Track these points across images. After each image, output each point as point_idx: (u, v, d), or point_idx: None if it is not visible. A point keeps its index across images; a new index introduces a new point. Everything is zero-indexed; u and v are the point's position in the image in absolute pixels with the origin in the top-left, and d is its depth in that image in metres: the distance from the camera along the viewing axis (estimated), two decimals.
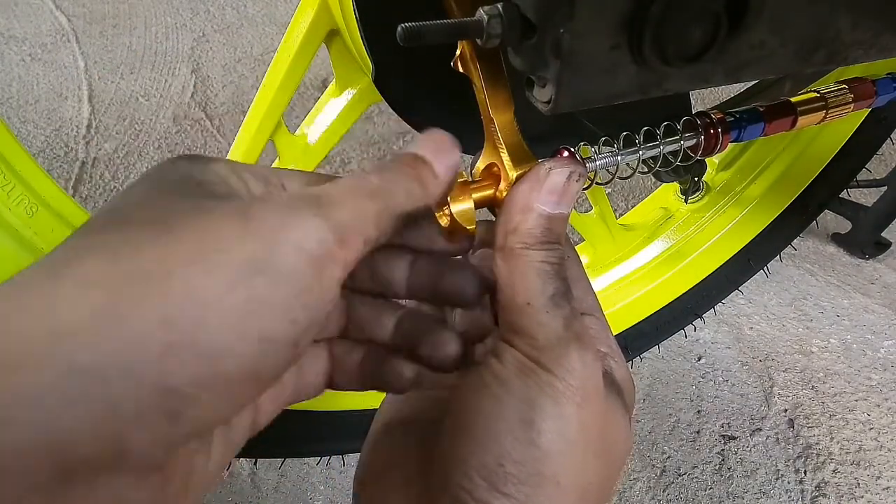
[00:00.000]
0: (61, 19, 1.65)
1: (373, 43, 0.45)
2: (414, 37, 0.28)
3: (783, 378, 0.94)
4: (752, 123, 0.43)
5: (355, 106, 0.56)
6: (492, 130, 0.34)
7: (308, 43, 0.51)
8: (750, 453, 0.85)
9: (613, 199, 1.22)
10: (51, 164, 1.20)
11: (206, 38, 1.62)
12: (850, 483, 0.82)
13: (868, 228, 1.10)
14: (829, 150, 0.81)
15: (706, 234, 0.84)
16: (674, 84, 0.32)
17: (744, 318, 1.02)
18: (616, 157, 0.37)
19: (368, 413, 0.69)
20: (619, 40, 0.29)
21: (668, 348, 0.96)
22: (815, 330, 1.01)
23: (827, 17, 0.33)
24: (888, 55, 0.36)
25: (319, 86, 1.43)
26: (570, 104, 0.31)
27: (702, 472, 0.83)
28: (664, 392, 0.91)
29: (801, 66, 0.34)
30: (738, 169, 0.84)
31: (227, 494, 0.76)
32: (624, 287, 0.82)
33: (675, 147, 0.40)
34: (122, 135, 1.30)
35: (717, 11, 0.29)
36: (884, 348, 0.99)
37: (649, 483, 0.81)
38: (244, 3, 1.79)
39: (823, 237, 1.16)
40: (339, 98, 0.56)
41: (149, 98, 1.40)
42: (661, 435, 0.86)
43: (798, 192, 0.83)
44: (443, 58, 0.34)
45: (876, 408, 0.90)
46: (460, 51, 0.33)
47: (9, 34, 1.58)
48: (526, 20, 0.28)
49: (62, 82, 1.43)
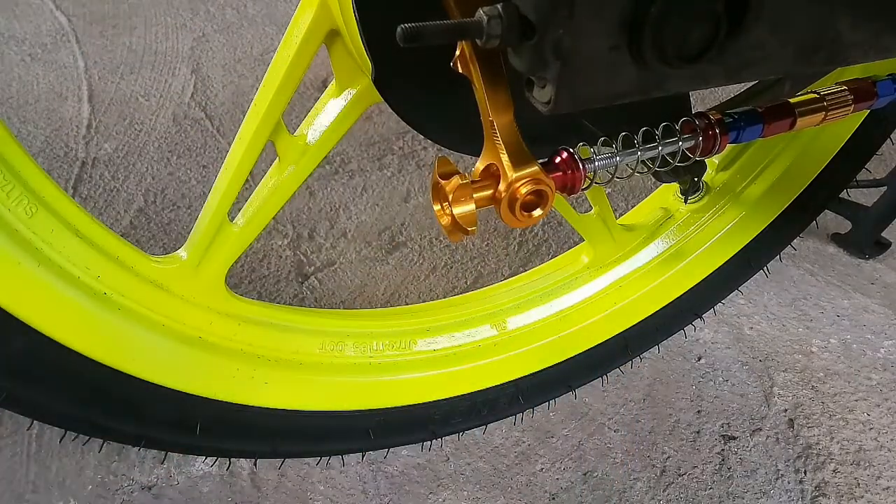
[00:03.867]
0: (61, 19, 1.65)
1: (373, 43, 0.45)
2: (413, 37, 0.28)
3: (783, 378, 0.94)
4: (750, 125, 0.43)
5: (355, 106, 0.56)
6: (491, 131, 0.34)
7: (308, 43, 0.51)
8: (750, 453, 0.85)
9: (613, 199, 1.22)
10: (51, 164, 1.20)
11: (206, 38, 1.62)
12: (850, 483, 0.82)
13: (868, 228, 1.10)
14: (830, 150, 0.81)
15: (706, 234, 0.84)
16: (674, 84, 0.32)
17: (744, 318, 1.02)
18: (615, 157, 0.37)
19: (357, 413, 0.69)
20: (619, 41, 0.29)
21: (668, 348, 0.96)
22: (815, 330, 1.01)
23: (827, 18, 0.33)
24: (888, 56, 0.36)
25: (319, 86, 1.43)
26: (570, 104, 0.31)
27: (702, 472, 0.83)
28: (664, 392, 0.91)
29: (801, 66, 0.34)
30: (738, 169, 0.84)
31: (228, 494, 0.76)
32: (624, 287, 0.82)
33: (674, 148, 0.40)
34: (122, 135, 1.30)
35: (717, 12, 0.29)
36: (884, 348, 0.99)
37: (649, 483, 0.81)
38: (244, 3, 1.79)
39: (823, 237, 1.16)
40: (339, 98, 0.56)
41: (149, 98, 1.40)
42: (661, 435, 0.86)
43: (798, 192, 0.83)
44: (443, 58, 0.34)
45: (876, 408, 0.90)
46: (460, 51, 0.33)
47: (9, 34, 1.58)
48: (526, 21, 0.28)
49: (62, 82, 1.43)
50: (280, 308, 0.67)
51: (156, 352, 0.57)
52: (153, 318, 0.57)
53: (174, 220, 1.12)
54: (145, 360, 0.56)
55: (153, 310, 0.57)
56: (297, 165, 0.57)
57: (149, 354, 0.56)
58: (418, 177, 1.24)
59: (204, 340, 0.60)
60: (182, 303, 0.58)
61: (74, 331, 0.52)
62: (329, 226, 1.13)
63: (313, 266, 1.06)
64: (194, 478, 0.77)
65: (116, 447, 0.78)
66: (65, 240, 0.52)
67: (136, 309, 0.56)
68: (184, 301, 0.59)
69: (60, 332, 0.51)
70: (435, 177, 0.34)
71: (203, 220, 0.58)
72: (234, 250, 0.59)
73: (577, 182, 0.35)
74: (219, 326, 0.61)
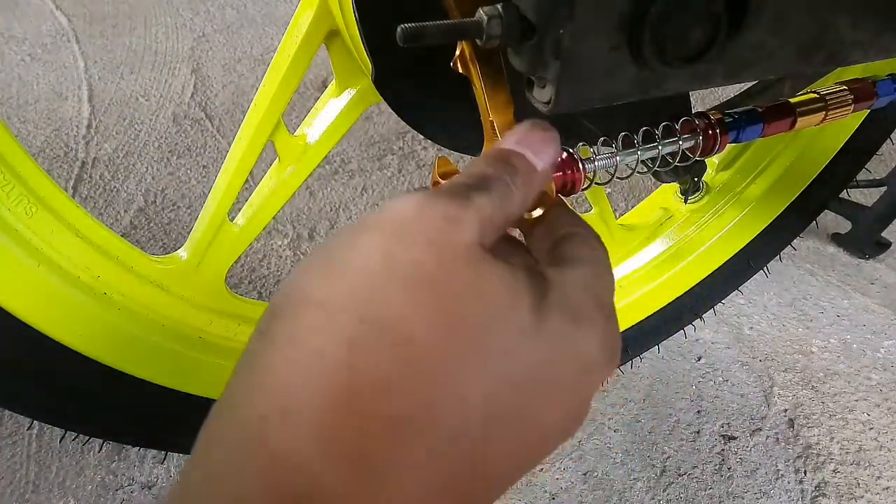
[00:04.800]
0: (61, 19, 1.65)
1: (373, 44, 0.45)
2: (413, 37, 0.28)
3: (783, 378, 0.94)
4: (750, 124, 0.43)
5: (355, 106, 0.56)
6: (491, 131, 0.34)
7: (308, 43, 0.51)
8: (750, 453, 0.85)
9: (613, 199, 1.22)
10: (51, 164, 1.20)
11: (206, 38, 1.62)
12: (850, 483, 0.82)
13: (868, 228, 1.10)
14: (830, 150, 0.81)
15: (706, 234, 0.84)
16: (674, 85, 0.32)
17: (744, 318, 1.02)
18: (615, 157, 0.37)
19: None
20: (619, 41, 0.29)
21: (668, 348, 0.96)
22: (815, 330, 1.01)
23: (827, 17, 0.33)
24: (888, 55, 0.36)
25: (319, 86, 1.43)
26: (570, 105, 0.31)
27: (702, 472, 0.83)
28: (664, 392, 0.91)
29: (802, 66, 0.34)
30: (738, 169, 0.84)
31: None
32: (624, 287, 0.82)
33: (674, 148, 0.40)
34: (122, 135, 1.30)
35: (717, 12, 0.29)
36: (884, 348, 0.99)
37: (649, 483, 0.81)
38: (244, 3, 1.79)
39: (823, 237, 1.16)
40: (339, 98, 0.56)
41: (149, 98, 1.40)
42: (661, 435, 0.86)
43: (798, 192, 0.83)
44: (443, 58, 0.34)
45: (876, 408, 0.90)
46: (460, 51, 0.33)
47: (9, 34, 1.58)
48: (526, 21, 0.28)
49: (62, 82, 1.43)
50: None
51: (155, 352, 0.57)
52: (153, 319, 0.57)
53: (174, 220, 1.12)
54: (144, 360, 0.56)
55: (153, 310, 0.57)
56: (297, 165, 0.57)
57: (148, 354, 0.56)
58: (418, 177, 1.24)
59: (204, 341, 0.60)
60: (182, 303, 0.58)
61: (74, 330, 0.52)
62: (329, 226, 1.13)
63: None
64: None
65: (116, 447, 0.78)
66: (65, 240, 0.52)
67: (136, 309, 0.56)
68: (183, 301, 0.59)
69: (59, 332, 0.51)
70: (435, 176, 0.34)
71: (203, 220, 0.58)
72: (234, 250, 0.59)
73: (577, 182, 0.35)
74: (218, 326, 0.61)
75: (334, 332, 0.22)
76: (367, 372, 0.21)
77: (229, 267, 0.60)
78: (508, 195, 0.27)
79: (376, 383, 0.21)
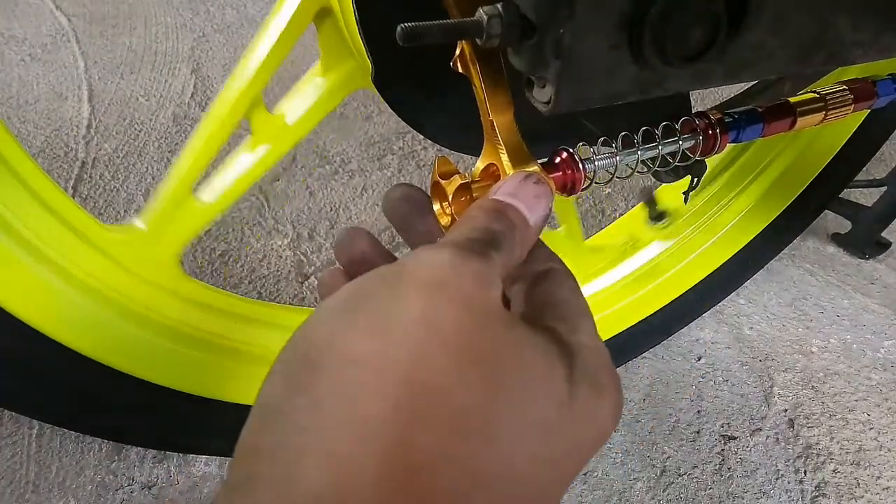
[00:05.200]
0: (61, 19, 1.65)
1: (372, 43, 0.45)
2: (413, 37, 0.28)
3: (783, 378, 0.94)
4: (750, 124, 0.43)
5: (340, 89, 0.54)
6: (491, 131, 0.34)
7: (297, 18, 0.49)
8: (750, 453, 0.85)
9: (614, 199, 1.22)
10: (51, 164, 1.20)
11: (206, 38, 1.62)
12: (850, 483, 0.82)
13: (868, 228, 1.10)
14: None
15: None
16: (674, 84, 0.32)
17: (744, 318, 1.02)
18: (615, 157, 0.37)
19: None
20: (620, 40, 0.29)
21: (668, 348, 0.96)
22: (815, 330, 1.01)
23: (827, 17, 0.33)
24: (888, 55, 0.36)
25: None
26: (570, 104, 0.31)
27: (702, 472, 0.83)
28: (664, 392, 0.91)
29: (802, 66, 0.34)
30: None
31: None
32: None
33: (674, 148, 0.40)
34: (122, 135, 1.29)
35: (718, 12, 0.29)
36: (884, 348, 0.99)
37: (649, 483, 0.81)
38: (244, 3, 1.79)
39: (823, 237, 1.16)
40: (324, 78, 0.54)
41: (149, 98, 1.40)
42: (661, 435, 0.86)
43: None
44: (443, 58, 0.34)
45: (876, 408, 0.90)
46: (460, 51, 0.33)
47: (9, 34, 1.58)
48: (526, 20, 0.28)
49: (62, 82, 1.43)
50: (232, 296, 0.65)
51: (100, 326, 0.54)
52: (102, 292, 0.54)
53: None
54: (79, 329, 0.53)
55: (102, 281, 0.54)
56: (272, 145, 0.55)
57: (94, 329, 0.54)
58: (418, 177, 1.24)
59: (151, 319, 0.57)
60: (131, 277, 0.56)
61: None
62: (329, 226, 1.13)
63: (313, 266, 1.06)
64: (195, 478, 0.77)
65: (117, 447, 0.78)
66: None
67: (86, 280, 0.53)
68: (133, 275, 0.56)
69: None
70: (435, 176, 0.34)
71: (165, 191, 0.54)
72: (194, 227, 0.57)
73: (577, 182, 0.35)
74: (167, 306, 0.58)
75: (383, 395, 0.21)
76: (423, 446, 0.21)
77: (186, 244, 0.58)
78: (513, 251, 0.27)
79: (434, 458, 0.21)
